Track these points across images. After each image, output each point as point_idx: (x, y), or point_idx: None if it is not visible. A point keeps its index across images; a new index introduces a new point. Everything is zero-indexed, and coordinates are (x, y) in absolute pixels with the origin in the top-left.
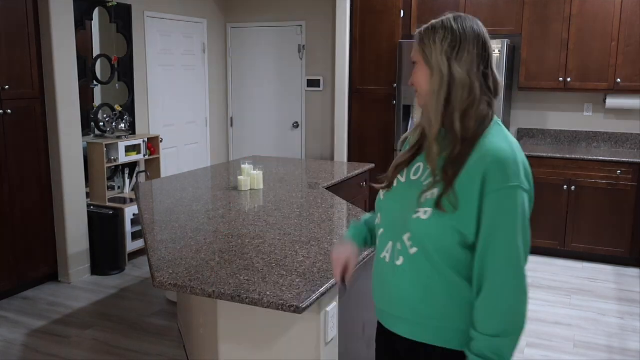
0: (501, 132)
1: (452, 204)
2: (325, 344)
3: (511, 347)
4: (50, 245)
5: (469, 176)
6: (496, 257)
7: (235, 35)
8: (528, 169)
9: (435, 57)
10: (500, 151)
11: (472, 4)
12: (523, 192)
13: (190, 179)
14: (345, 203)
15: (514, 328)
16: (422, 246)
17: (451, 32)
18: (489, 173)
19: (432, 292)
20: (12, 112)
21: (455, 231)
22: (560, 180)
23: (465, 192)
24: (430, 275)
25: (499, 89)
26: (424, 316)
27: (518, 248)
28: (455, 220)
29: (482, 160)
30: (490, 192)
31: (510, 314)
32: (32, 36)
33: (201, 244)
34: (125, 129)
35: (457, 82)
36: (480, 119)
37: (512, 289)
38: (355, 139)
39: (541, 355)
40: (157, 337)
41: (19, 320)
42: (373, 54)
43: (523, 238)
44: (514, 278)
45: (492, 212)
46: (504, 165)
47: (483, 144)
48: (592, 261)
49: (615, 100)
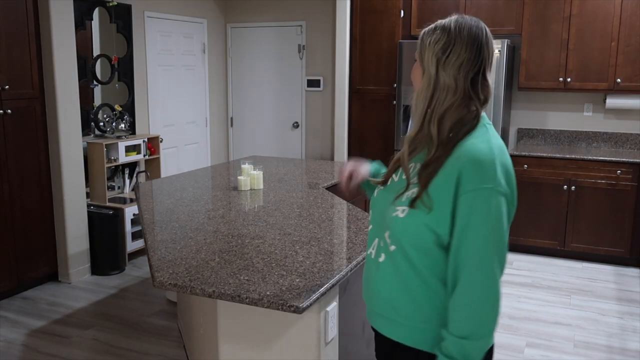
0: (484, 135)
1: (426, 206)
2: (325, 344)
3: (479, 350)
4: (50, 245)
5: (444, 176)
6: (467, 259)
7: (235, 35)
8: (510, 173)
9: (427, 57)
10: (477, 152)
11: (472, 4)
12: (499, 194)
13: (190, 179)
14: (345, 203)
15: (482, 331)
16: (399, 244)
17: (447, 34)
18: (463, 174)
19: (411, 292)
20: (12, 112)
21: (430, 230)
22: (560, 180)
23: (440, 193)
24: (407, 274)
25: (488, 96)
26: (403, 315)
27: (489, 251)
28: (430, 220)
29: (458, 161)
30: (464, 193)
31: (478, 316)
32: (32, 36)
33: (201, 244)
34: (125, 129)
35: (441, 85)
36: (457, 123)
37: (481, 291)
38: (355, 139)
39: (541, 355)
40: (157, 337)
41: (19, 320)
42: (373, 54)
43: (496, 241)
44: (483, 281)
45: (465, 212)
46: (479, 166)
47: (462, 146)
48: (592, 261)
49: (615, 100)
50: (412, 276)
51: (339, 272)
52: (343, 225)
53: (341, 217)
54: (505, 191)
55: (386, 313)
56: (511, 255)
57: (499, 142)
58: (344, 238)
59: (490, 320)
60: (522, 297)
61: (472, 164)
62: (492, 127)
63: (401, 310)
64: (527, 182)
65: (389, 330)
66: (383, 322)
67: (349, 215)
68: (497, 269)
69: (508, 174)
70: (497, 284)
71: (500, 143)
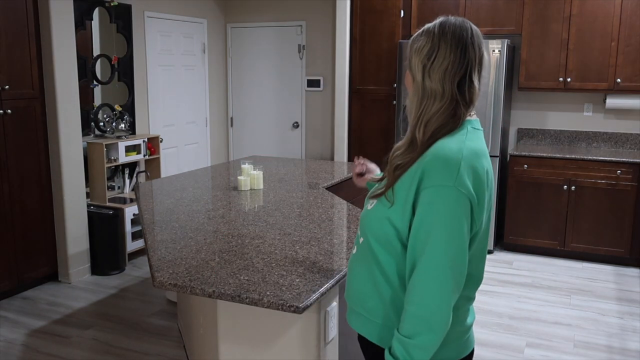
0: (461, 137)
1: (389, 200)
2: (325, 344)
3: (422, 351)
4: (50, 245)
5: (409, 174)
6: (419, 256)
7: (235, 35)
8: (479, 177)
9: (414, 65)
10: (443, 150)
11: (472, 4)
12: (459, 193)
13: (190, 179)
14: (345, 203)
15: (426, 331)
16: (366, 237)
17: (431, 39)
18: (426, 170)
19: (377, 287)
20: (12, 112)
21: (390, 224)
22: (560, 180)
23: (403, 187)
24: (373, 268)
25: (474, 97)
26: (369, 310)
27: (440, 250)
28: (390, 213)
29: (423, 158)
30: (425, 188)
31: (423, 317)
32: (32, 36)
33: (201, 244)
34: (125, 129)
35: (428, 91)
36: (441, 126)
37: (427, 291)
38: (355, 139)
39: (541, 355)
40: (157, 337)
41: (19, 320)
42: (373, 54)
43: (450, 240)
44: (430, 280)
45: (423, 208)
46: (442, 164)
47: (434, 146)
48: (592, 261)
49: (615, 100)
50: (377, 271)
51: (339, 272)
52: (343, 225)
53: (341, 217)
54: (469, 193)
55: (356, 307)
56: (511, 255)
57: (475, 146)
58: (344, 238)
59: (434, 321)
60: (522, 297)
61: (435, 162)
62: (480, 132)
63: (368, 304)
64: (527, 182)
65: (359, 326)
66: (354, 317)
67: (349, 215)
68: (447, 269)
69: (476, 178)
70: (446, 285)
71: (476, 146)
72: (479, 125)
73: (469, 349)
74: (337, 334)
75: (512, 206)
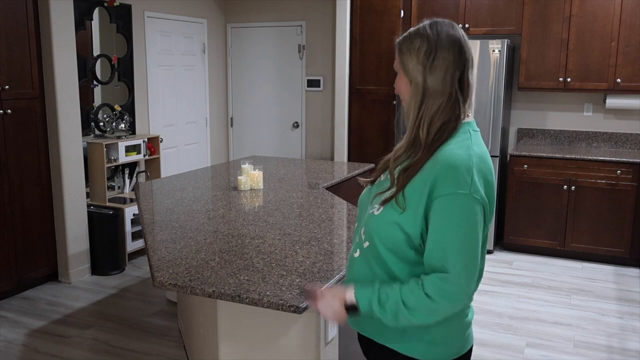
0: (466, 141)
1: (400, 206)
2: (325, 344)
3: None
4: (50, 245)
5: (421, 179)
6: (436, 263)
7: (235, 35)
8: (489, 182)
9: (411, 66)
10: (453, 157)
11: (472, 4)
12: (473, 201)
13: (190, 179)
14: (345, 203)
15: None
16: (372, 241)
17: (427, 40)
18: (438, 178)
19: None
20: (12, 112)
21: (400, 229)
22: (560, 180)
23: (415, 194)
24: (378, 271)
25: (470, 94)
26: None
27: (457, 258)
28: (401, 219)
29: (434, 166)
30: (438, 197)
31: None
32: (32, 36)
33: (201, 244)
34: (125, 129)
35: (431, 91)
36: (443, 126)
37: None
38: (355, 139)
39: (541, 355)
40: (157, 337)
41: (19, 320)
42: (373, 54)
43: (466, 247)
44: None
45: (437, 216)
46: (454, 172)
47: (441, 150)
48: (592, 261)
49: (615, 100)
50: (382, 274)
51: (339, 272)
52: (343, 225)
53: (341, 217)
54: (482, 199)
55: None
56: (511, 255)
57: (480, 151)
58: (344, 238)
59: (434, 317)
60: (522, 297)
61: (447, 169)
62: (478, 134)
63: None
64: (527, 182)
65: (359, 324)
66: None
67: (349, 215)
68: (462, 278)
69: (487, 184)
70: (460, 294)
71: (482, 151)
72: (476, 126)
73: (470, 344)
74: (337, 334)
75: (512, 206)
